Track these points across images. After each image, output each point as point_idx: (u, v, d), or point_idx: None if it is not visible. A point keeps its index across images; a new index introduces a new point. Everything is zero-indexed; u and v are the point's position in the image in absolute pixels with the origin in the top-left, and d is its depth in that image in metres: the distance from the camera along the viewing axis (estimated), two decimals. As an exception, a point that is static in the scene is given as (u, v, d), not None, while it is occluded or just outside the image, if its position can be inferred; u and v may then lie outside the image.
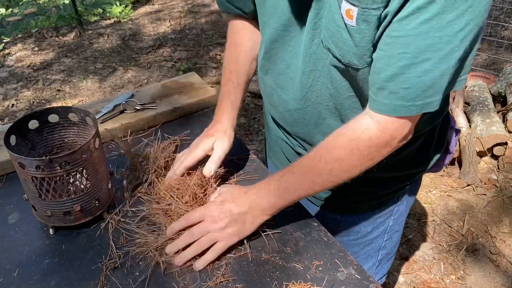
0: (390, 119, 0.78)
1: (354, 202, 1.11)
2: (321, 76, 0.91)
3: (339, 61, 0.83)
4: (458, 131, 1.14)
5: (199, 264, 0.89)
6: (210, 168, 1.02)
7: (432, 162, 1.08)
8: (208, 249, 0.90)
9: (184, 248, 0.90)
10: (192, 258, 0.90)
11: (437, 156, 1.10)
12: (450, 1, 0.65)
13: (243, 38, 1.11)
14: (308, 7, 0.85)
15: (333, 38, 0.82)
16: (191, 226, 0.92)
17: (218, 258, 0.91)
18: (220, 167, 1.05)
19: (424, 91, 0.73)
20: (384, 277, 1.30)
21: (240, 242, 0.93)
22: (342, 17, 0.77)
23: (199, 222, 0.92)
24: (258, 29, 1.08)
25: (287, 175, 0.90)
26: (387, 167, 1.02)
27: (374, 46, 0.77)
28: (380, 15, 0.73)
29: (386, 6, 0.72)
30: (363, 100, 0.90)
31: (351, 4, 0.74)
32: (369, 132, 0.81)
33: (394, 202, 1.12)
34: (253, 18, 1.08)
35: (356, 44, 0.78)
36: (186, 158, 1.04)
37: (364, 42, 0.77)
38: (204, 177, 1.02)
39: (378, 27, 0.75)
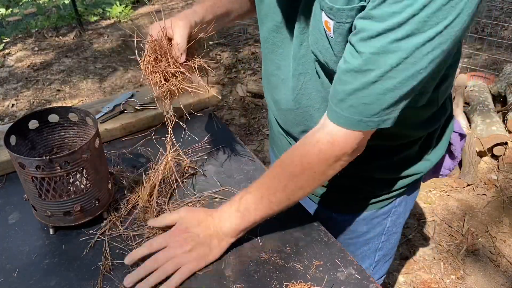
0: (341, 132, 0.78)
1: (349, 200, 1.11)
2: (311, 79, 0.92)
3: (325, 66, 0.85)
4: (463, 136, 1.13)
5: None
6: (178, 57, 0.92)
7: (430, 166, 1.08)
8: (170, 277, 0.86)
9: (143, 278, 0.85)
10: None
11: (437, 161, 1.09)
12: (421, 24, 0.65)
13: None
14: (296, 11, 0.86)
15: (317, 45, 0.83)
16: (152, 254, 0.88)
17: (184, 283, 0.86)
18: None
19: (384, 109, 0.74)
20: (382, 278, 1.30)
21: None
22: (324, 27, 0.79)
23: (162, 249, 0.88)
24: (250, 1, 1.11)
25: (246, 196, 0.89)
26: (382, 168, 1.03)
27: None
28: (350, 27, 0.74)
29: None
30: None
31: (328, 17, 0.75)
32: (319, 146, 0.81)
33: (391, 204, 1.12)
34: None
35: (335, 54, 0.80)
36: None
37: (342, 53, 0.78)
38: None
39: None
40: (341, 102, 0.76)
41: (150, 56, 0.91)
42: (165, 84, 0.91)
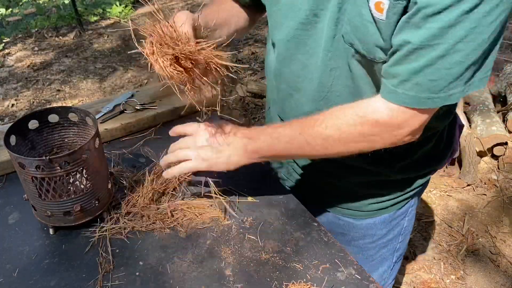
0: (402, 109, 0.77)
1: (370, 205, 1.09)
2: (342, 74, 0.88)
3: (364, 56, 0.81)
4: (461, 127, 1.14)
5: (165, 173, 1.00)
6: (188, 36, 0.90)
7: (443, 161, 1.08)
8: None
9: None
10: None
11: (448, 154, 1.10)
12: None
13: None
14: (328, 2, 0.82)
15: (357, 33, 0.79)
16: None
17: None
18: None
19: (450, 83, 0.72)
20: (393, 280, 1.29)
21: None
22: (371, 11, 0.75)
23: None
24: (247, 15, 1.09)
25: (285, 126, 0.90)
26: (403, 169, 1.01)
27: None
28: (406, 5, 0.72)
29: None
30: None
31: None
32: (377, 115, 0.79)
33: (408, 203, 1.12)
34: (243, 5, 1.09)
35: (384, 38, 0.76)
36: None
37: (391, 36, 0.75)
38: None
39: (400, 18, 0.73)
40: (405, 82, 0.74)
41: (152, 42, 0.84)
42: (183, 63, 0.84)
